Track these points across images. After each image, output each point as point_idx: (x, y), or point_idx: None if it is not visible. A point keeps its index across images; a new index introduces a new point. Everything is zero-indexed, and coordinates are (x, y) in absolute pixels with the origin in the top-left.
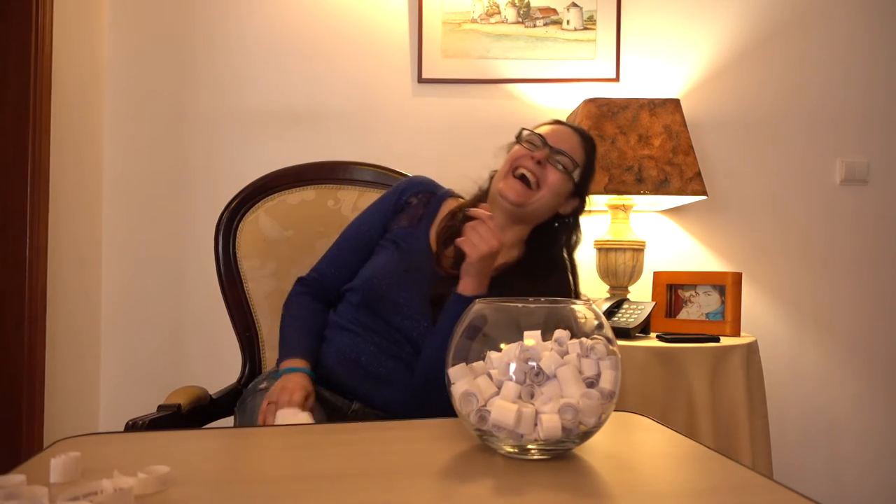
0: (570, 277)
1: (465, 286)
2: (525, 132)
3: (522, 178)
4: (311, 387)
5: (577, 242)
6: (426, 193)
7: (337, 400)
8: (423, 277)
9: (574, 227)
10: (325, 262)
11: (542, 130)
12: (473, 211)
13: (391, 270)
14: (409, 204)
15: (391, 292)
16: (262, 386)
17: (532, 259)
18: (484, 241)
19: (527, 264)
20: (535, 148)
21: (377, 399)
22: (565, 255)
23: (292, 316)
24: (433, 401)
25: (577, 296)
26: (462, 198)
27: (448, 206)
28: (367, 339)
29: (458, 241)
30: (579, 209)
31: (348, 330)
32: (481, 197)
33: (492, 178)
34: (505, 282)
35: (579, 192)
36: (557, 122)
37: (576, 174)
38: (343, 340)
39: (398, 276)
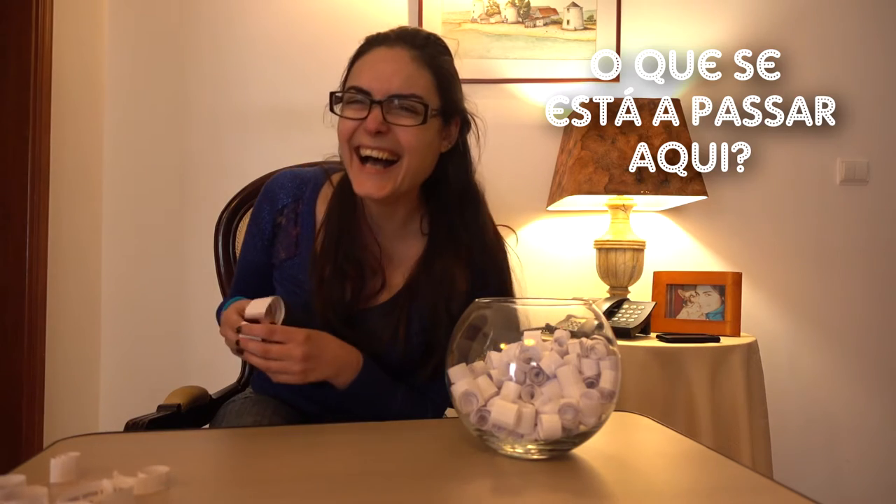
0: (484, 209)
1: (335, 382)
2: (338, 95)
3: (371, 159)
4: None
5: (474, 166)
6: (292, 203)
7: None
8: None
9: (463, 153)
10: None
11: (361, 76)
12: (243, 341)
13: (297, 319)
14: (279, 227)
15: None
16: (236, 397)
17: (438, 232)
18: (284, 370)
19: (435, 241)
20: (362, 112)
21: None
22: (473, 188)
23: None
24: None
25: (497, 236)
26: (339, 169)
27: (324, 200)
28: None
29: (273, 378)
30: (464, 129)
31: None
32: None
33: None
34: (420, 289)
35: (452, 113)
36: (371, 41)
37: (430, 110)
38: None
39: (306, 324)
